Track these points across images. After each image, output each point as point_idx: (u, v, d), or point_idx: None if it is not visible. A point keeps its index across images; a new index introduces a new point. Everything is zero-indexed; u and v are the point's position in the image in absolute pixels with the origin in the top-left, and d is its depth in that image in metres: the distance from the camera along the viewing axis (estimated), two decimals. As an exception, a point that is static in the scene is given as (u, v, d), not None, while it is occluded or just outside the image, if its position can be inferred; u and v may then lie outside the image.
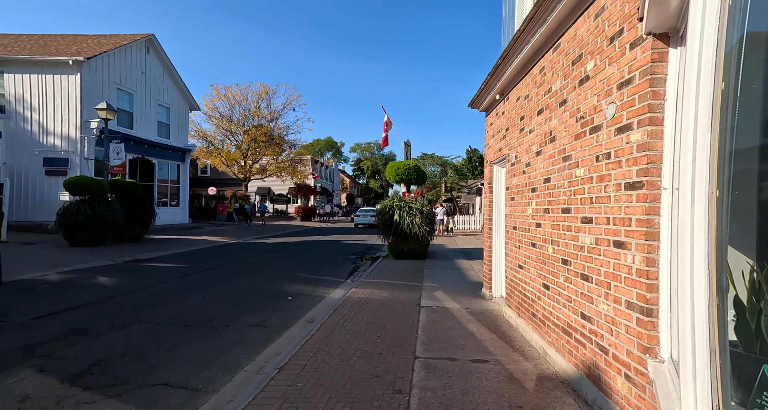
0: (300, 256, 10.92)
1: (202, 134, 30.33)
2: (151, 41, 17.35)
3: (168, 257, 10.11)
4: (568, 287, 2.94)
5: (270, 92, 31.45)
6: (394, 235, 10.26)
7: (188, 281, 7.04)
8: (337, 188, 59.00)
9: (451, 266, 9.30)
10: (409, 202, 10.44)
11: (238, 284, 6.81)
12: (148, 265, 8.86)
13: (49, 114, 14.00)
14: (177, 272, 7.95)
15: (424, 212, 10.39)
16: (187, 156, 20.08)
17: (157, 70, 18.03)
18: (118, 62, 15.66)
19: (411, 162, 10.66)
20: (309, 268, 8.91)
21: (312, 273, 8.26)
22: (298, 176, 34.55)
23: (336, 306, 5.29)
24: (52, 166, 13.78)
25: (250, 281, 7.14)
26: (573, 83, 2.91)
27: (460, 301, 5.59)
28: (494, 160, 5.40)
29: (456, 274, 8.14)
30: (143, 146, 16.89)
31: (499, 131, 5.09)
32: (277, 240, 15.44)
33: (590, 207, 2.62)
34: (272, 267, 8.86)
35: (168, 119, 18.98)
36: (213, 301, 5.60)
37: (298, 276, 7.87)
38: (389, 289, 6.46)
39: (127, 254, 10.44)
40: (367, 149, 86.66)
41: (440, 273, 8.19)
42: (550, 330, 3.34)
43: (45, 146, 13.97)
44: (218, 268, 8.55)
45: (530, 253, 3.89)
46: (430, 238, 10.55)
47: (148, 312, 4.96)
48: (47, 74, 13.86)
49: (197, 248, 12.04)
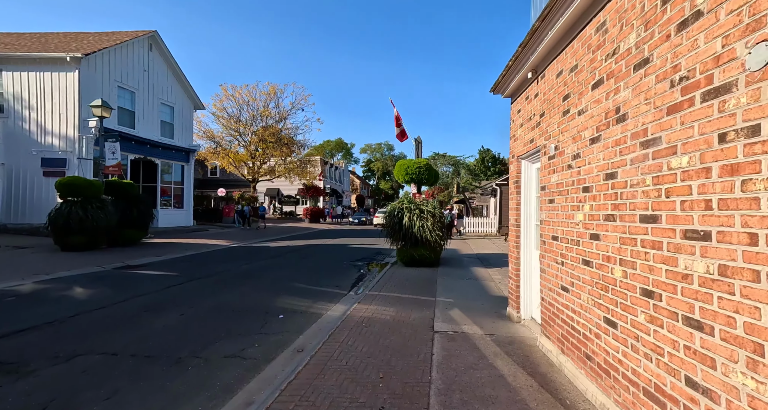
0: (302, 262, 10.11)
1: (210, 134, 29.96)
2: (154, 38, 16.88)
3: (160, 264, 9.42)
4: (657, 332, 2.00)
5: (278, 92, 30.97)
6: (403, 240, 9.36)
7: (171, 293, 6.27)
8: (347, 189, 58.35)
9: (468, 275, 8.34)
10: (420, 204, 9.52)
11: (226, 298, 6.01)
12: (136, 273, 8.15)
13: (47, 113, 13.57)
14: (163, 281, 7.20)
15: (437, 215, 9.46)
16: (191, 156, 19.57)
17: (160, 67, 17.56)
18: (119, 59, 15.18)
19: (422, 161, 9.75)
20: (309, 277, 8.08)
21: (312, 283, 7.41)
22: (306, 176, 33.96)
23: (333, 329, 4.42)
24: (50, 166, 13.33)
25: (241, 294, 6.33)
26: (665, 30, 1.97)
27: (482, 323, 4.66)
28: (523, 154, 4.46)
29: (474, 286, 7.18)
30: (145, 146, 16.38)
31: (531, 118, 4.15)
32: (280, 244, 14.70)
33: (704, 215, 1.68)
34: (269, 275, 8.06)
35: (171, 118, 18.49)
36: (190, 320, 4.79)
37: (295, 287, 7.04)
38: (397, 305, 5.56)
39: (119, 259, 9.79)
40: (378, 149, 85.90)
41: (455, 285, 7.24)
42: (619, 385, 2.39)
43: (43, 146, 13.54)
44: (209, 277, 7.78)
45: (581, 273, 2.95)
46: (443, 244, 9.61)
47: (109, 335, 4.18)
48: (45, 72, 13.44)
49: (195, 253, 11.36)
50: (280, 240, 16.21)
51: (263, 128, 30.66)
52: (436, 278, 7.89)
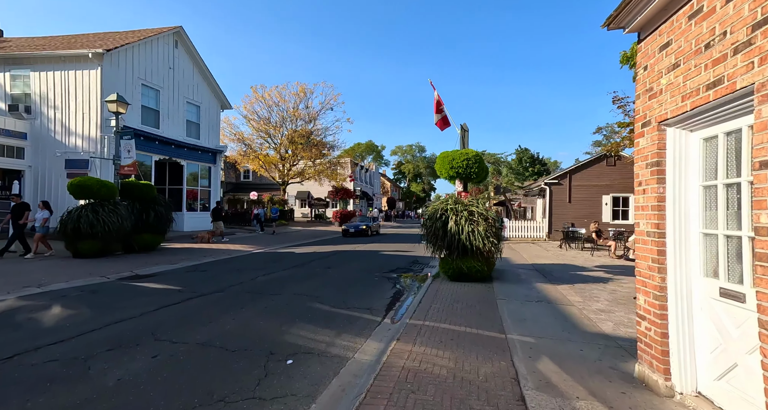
0: (327, 273, 8.66)
1: (240, 136, 29.68)
2: (180, 34, 16.32)
3: (170, 274, 8.32)
4: None
5: (308, 92, 30.22)
6: (447, 248, 7.66)
7: (159, 317, 4.97)
8: (378, 191, 57.10)
9: (534, 295, 6.50)
10: (470, 204, 7.78)
11: (224, 326, 4.61)
12: (137, 286, 7.03)
13: (71, 113, 13.17)
14: (160, 299, 5.97)
15: (490, 218, 7.68)
16: (218, 158, 18.90)
17: (185, 65, 17.00)
18: (143, 56, 14.65)
19: (470, 152, 8.00)
20: (334, 294, 6.58)
21: (336, 304, 5.90)
22: (336, 178, 32.94)
23: (363, 393, 2.85)
24: (74, 168, 12.87)
25: (245, 320, 4.92)
26: None
27: (603, 394, 2.88)
28: (679, 116, 2.65)
29: (551, 313, 5.36)
30: (170, 147, 15.78)
31: (711, 43, 2.35)
32: (306, 250, 13.41)
33: None
34: (287, 291, 6.64)
35: (198, 118, 17.90)
36: (160, 369, 3.39)
37: (315, 310, 5.55)
38: (453, 347, 3.90)
39: (129, 267, 8.83)
40: (409, 151, 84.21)
41: (525, 311, 5.45)
42: None
43: (67, 147, 13.14)
44: (217, 292, 6.48)
45: None
46: (497, 254, 7.80)
47: (31, 396, 2.84)
48: (69, 70, 13.06)
49: (213, 260, 10.26)
50: (306, 245, 14.96)
51: (293, 130, 30.01)
52: (495, 299, 6.13)
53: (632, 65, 17.46)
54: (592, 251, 13.08)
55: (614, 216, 17.92)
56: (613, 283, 7.71)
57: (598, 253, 13.04)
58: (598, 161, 18.33)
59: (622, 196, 18.01)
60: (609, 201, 18.01)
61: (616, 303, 6.00)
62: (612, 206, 18.04)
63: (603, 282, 7.80)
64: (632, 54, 17.51)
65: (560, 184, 18.38)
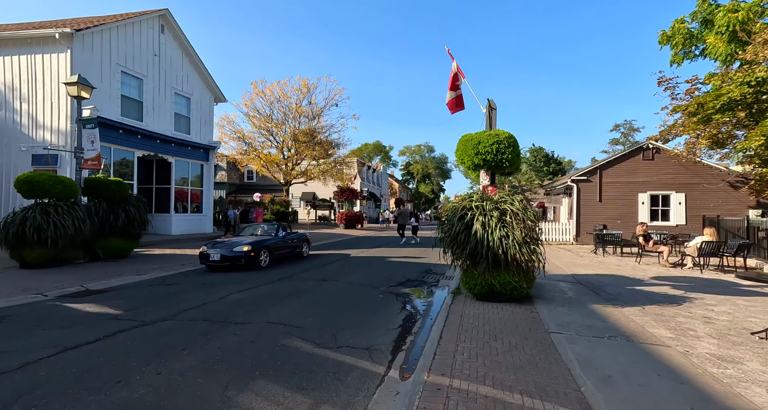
0: (319, 289, 6.93)
1: (241, 134, 28.24)
2: (166, 18, 14.85)
3: (128, 289, 6.70)
4: None
5: (311, 87, 28.66)
6: (472, 257, 5.86)
7: (51, 367, 3.29)
8: (386, 192, 55.37)
9: (600, 325, 4.66)
10: (500, 201, 5.98)
11: (133, 392, 2.90)
12: (72, 309, 5.40)
13: (38, 103, 11.75)
14: (86, 330, 4.32)
15: (528, 219, 5.86)
16: (211, 155, 17.39)
17: (173, 53, 15.52)
18: (123, 41, 13.19)
19: (502, 133, 6.21)
20: (322, 321, 4.84)
21: (323, 340, 4.16)
22: (342, 178, 31.30)
23: None
24: (41, 164, 11.42)
25: (179, 372, 3.21)
26: None
27: None
28: None
29: (644, 361, 3.51)
30: (155, 142, 14.28)
31: None
32: (303, 256, 11.71)
33: None
34: (258, 318, 4.92)
35: (188, 111, 16.40)
36: None
37: (290, 350, 3.82)
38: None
39: (81, 280, 7.26)
40: (417, 151, 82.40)
41: (602, 357, 3.61)
42: None
43: (35, 141, 11.71)
44: (166, 320, 4.80)
45: None
46: (538, 265, 5.95)
47: None
48: (36, 54, 11.65)
49: (187, 270, 8.62)
50: (304, 251, 13.25)
51: (295, 127, 28.51)
52: (548, 333, 4.32)
53: (673, 45, 15.48)
54: (637, 258, 11.11)
55: (652, 217, 15.85)
56: (694, 305, 5.82)
57: (645, 260, 11.07)
58: (633, 154, 16.28)
59: (661, 194, 15.92)
60: (646, 200, 15.94)
61: (728, 341, 4.14)
62: (650, 205, 15.97)
63: (679, 303, 5.91)
64: (672, 33, 15.54)
65: (589, 181, 16.38)
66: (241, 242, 8.75)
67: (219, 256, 8.34)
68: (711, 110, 9.99)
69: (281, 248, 9.81)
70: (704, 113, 10.12)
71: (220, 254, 8.35)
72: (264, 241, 9.19)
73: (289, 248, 10.29)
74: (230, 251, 8.41)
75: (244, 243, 8.66)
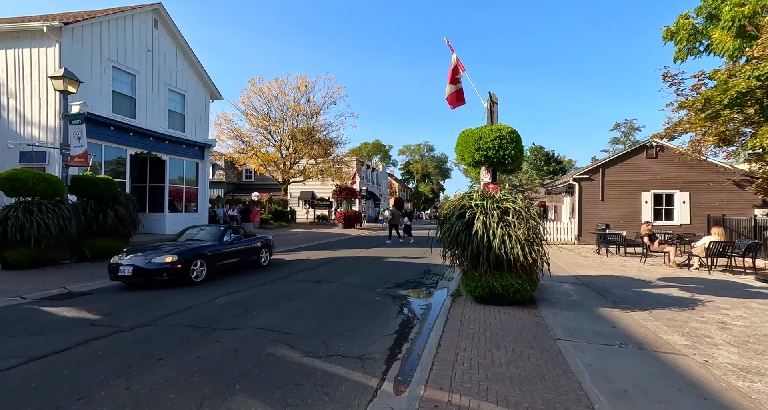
0: (312, 291, 6.62)
1: (238, 132, 27.91)
2: (159, 12, 14.52)
3: (112, 292, 6.39)
4: None
5: (309, 85, 28.33)
6: (473, 258, 5.56)
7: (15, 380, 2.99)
8: (385, 192, 55.06)
9: (609, 331, 4.36)
10: (503, 200, 5.69)
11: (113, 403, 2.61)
12: (49, 313, 5.10)
13: (26, 98, 11.44)
14: (58, 337, 4.03)
15: (532, 219, 5.57)
16: (206, 153, 17.08)
17: (167, 48, 15.20)
18: (114, 35, 12.87)
19: (504, 127, 5.91)
20: (314, 327, 4.54)
21: (313, 347, 3.86)
22: (340, 177, 31.00)
23: None
24: (29, 162, 11.12)
25: (150, 386, 2.91)
26: None
27: None
28: None
29: (660, 373, 3.21)
30: (148, 139, 13.96)
31: None
32: (298, 256, 11.43)
33: None
34: (245, 324, 4.62)
35: (182, 108, 16.08)
36: None
37: (276, 359, 3.52)
38: None
39: (64, 282, 6.96)
40: (417, 150, 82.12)
41: (614, 367, 3.31)
42: None
43: (22, 138, 11.39)
44: (146, 326, 4.50)
45: None
46: (542, 266, 5.66)
47: None
48: (23, 48, 11.34)
49: (177, 271, 8.30)
50: (300, 251, 12.97)
51: (293, 125, 28.19)
52: (554, 340, 4.03)
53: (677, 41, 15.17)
54: (642, 259, 10.82)
55: (656, 216, 15.55)
56: (707, 309, 5.52)
57: (649, 260, 10.77)
58: (636, 152, 15.98)
59: (665, 193, 15.62)
60: (649, 199, 15.64)
61: (749, 350, 3.84)
62: (653, 204, 15.67)
63: (690, 307, 5.62)
64: (677, 29, 15.23)
65: (592, 179, 16.08)
66: (165, 251, 6.64)
67: (131, 270, 6.23)
68: (718, 105, 9.68)
69: (227, 257, 7.71)
70: (712, 109, 9.81)
71: (132, 267, 6.24)
72: (200, 248, 7.09)
73: (240, 256, 8.09)
74: (148, 262, 6.31)
75: (168, 252, 6.58)
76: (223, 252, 7.60)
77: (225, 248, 7.71)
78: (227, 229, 8.26)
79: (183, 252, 6.73)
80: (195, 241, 7.72)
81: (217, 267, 7.45)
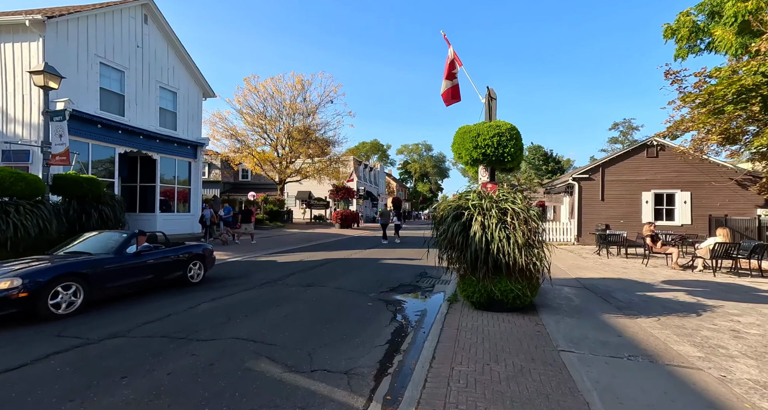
0: (302, 296, 6.30)
1: (234, 131, 27.52)
2: (149, 8, 14.13)
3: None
4: None
5: (306, 83, 27.97)
6: (470, 262, 5.25)
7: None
8: (383, 191, 54.72)
9: (616, 341, 4.05)
10: (501, 200, 5.39)
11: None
12: (11, 323, 4.74)
13: (8, 95, 11.05)
14: (14, 355, 3.69)
15: (532, 220, 5.26)
16: (199, 151, 16.70)
17: (158, 45, 14.81)
18: (102, 30, 12.48)
19: (503, 123, 5.61)
20: (300, 337, 4.22)
21: (296, 360, 3.54)
22: (338, 176, 30.65)
23: None
24: (11, 161, 10.73)
25: (118, 408, 2.59)
26: None
27: None
28: None
29: (676, 392, 2.90)
30: (138, 137, 13.58)
31: None
32: (291, 258, 11.10)
33: None
34: (225, 334, 4.30)
35: (174, 106, 15.69)
36: None
37: (254, 376, 3.20)
38: None
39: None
40: (415, 150, 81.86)
41: (624, 385, 3.00)
42: None
43: (5, 136, 11.01)
44: (117, 337, 4.17)
45: None
46: (543, 270, 5.35)
47: None
48: (5, 43, 10.94)
49: (163, 274, 7.96)
50: (294, 252, 12.64)
51: (290, 124, 27.83)
52: (558, 352, 3.72)
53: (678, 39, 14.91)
54: (644, 260, 10.53)
55: (657, 216, 15.29)
56: (717, 315, 5.23)
57: (652, 262, 10.49)
58: (637, 152, 15.71)
59: (666, 193, 15.36)
60: (650, 199, 15.38)
61: None
62: (654, 204, 15.41)
63: (699, 313, 5.33)
64: (678, 26, 14.96)
65: (591, 179, 15.80)
66: (8, 273, 4.53)
67: None
68: (721, 101, 9.41)
69: (126, 275, 5.72)
70: (715, 103, 9.54)
71: None
72: (72, 265, 5.04)
73: (151, 272, 6.13)
74: None
75: (9, 275, 4.47)
76: (117, 268, 5.57)
77: (124, 262, 5.72)
78: (133, 236, 6.16)
79: (34, 273, 4.58)
80: (76, 253, 5.73)
81: (107, 290, 5.44)
